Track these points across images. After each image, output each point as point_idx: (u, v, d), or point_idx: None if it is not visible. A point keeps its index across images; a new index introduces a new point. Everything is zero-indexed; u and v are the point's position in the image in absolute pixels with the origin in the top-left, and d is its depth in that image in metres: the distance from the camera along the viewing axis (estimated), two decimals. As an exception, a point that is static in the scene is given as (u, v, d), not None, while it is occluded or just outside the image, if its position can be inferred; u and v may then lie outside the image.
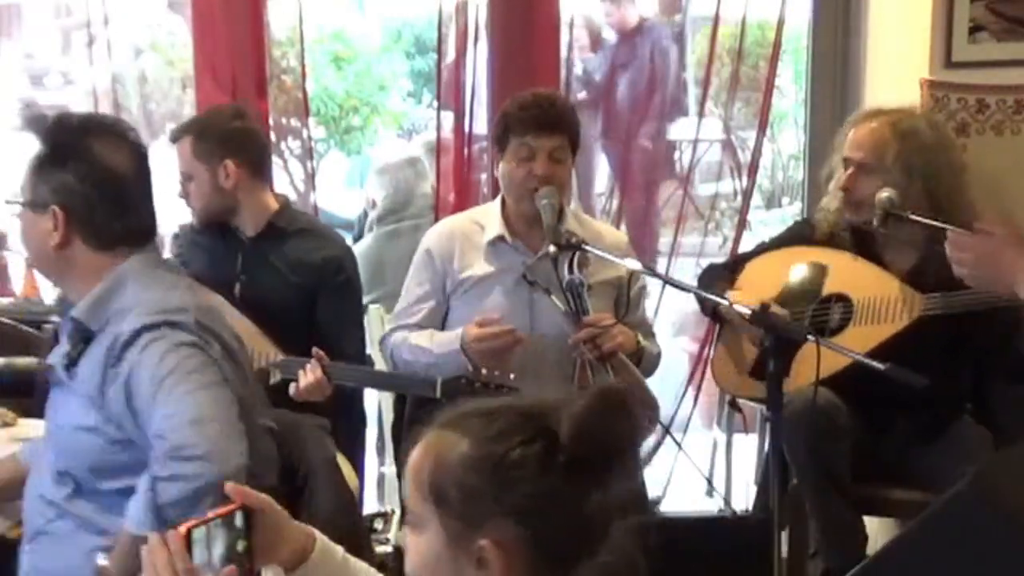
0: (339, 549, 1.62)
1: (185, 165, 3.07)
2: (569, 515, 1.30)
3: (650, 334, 3.14)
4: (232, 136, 3.09)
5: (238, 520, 1.48)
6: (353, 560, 1.63)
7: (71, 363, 2.10)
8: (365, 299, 3.50)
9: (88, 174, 2.09)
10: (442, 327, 3.08)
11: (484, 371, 2.79)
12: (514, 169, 2.96)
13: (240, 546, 1.48)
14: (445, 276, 3.04)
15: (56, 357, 2.16)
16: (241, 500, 1.50)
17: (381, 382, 3.14)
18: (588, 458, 1.30)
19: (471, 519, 1.31)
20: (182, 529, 1.44)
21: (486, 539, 1.29)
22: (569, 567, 1.32)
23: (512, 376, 2.81)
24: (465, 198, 3.72)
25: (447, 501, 1.32)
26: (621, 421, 1.33)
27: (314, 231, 3.21)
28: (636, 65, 4.71)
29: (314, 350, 2.82)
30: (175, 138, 3.10)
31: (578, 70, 4.53)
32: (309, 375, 2.80)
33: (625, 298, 3.06)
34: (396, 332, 3.07)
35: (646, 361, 3.03)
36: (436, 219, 3.65)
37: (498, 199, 3.09)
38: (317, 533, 1.60)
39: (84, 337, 2.09)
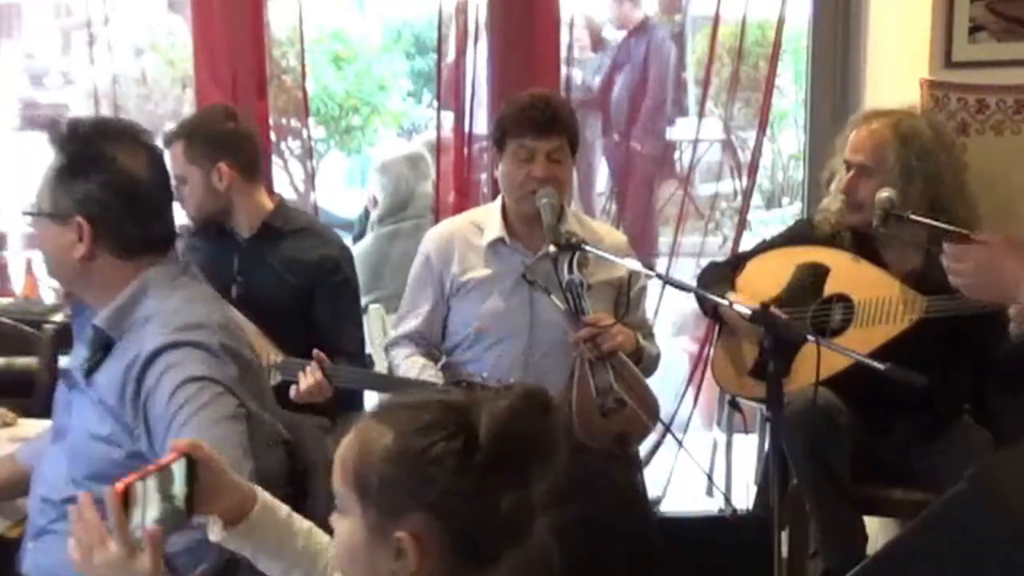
0: (283, 507, 1.64)
1: (179, 168, 3.06)
2: (486, 512, 1.31)
3: (650, 335, 3.15)
4: (224, 138, 3.08)
5: (179, 468, 1.50)
6: (298, 517, 1.65)
7: (90, 370, 2.08)
8: (366, 299, 3.49)
9: (110, 183, 2.05)
10: (443, 329, 3.09)
11: (485, 375, 2.80)
12: (513, 171, 2.96)
13: (181, 492, 1.50)
14: (443, 280, 3.05)
15: (75, 362, 2.14)
16: (184, 450, 1.51)
17: (381, 385, 3.14)
18: (506, 457, 1.31)
19: (390, 510, 1.33)
20: (120, 486, 1.43)
21: (403, 531, 1.31)
22: (488, 563, 1.33)
23: (511, 380, 2.82)
24: (465, 198, 3.72)
25: (368, 491, 1.34)
26: (542, 423, 1.34)
27: (311, 230, 3.21)
28: (637, 65, 4.72)
29: (315, 352, 2.82)
30: (168, 142, 3.10)
31: (578, 70, 4.53)
32: (309, 377, 2.80)
33: (625, 298, 3.06)
34: (395, 348, 3.10)
35: (646, 361, 3.03)
36: (436, 220, 3.65)
37: (498, 200, 3.10)
38: (259, 490, 1.62)
39: (104, 344, 2.07)
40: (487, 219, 3.08)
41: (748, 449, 3.50)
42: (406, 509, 1.31)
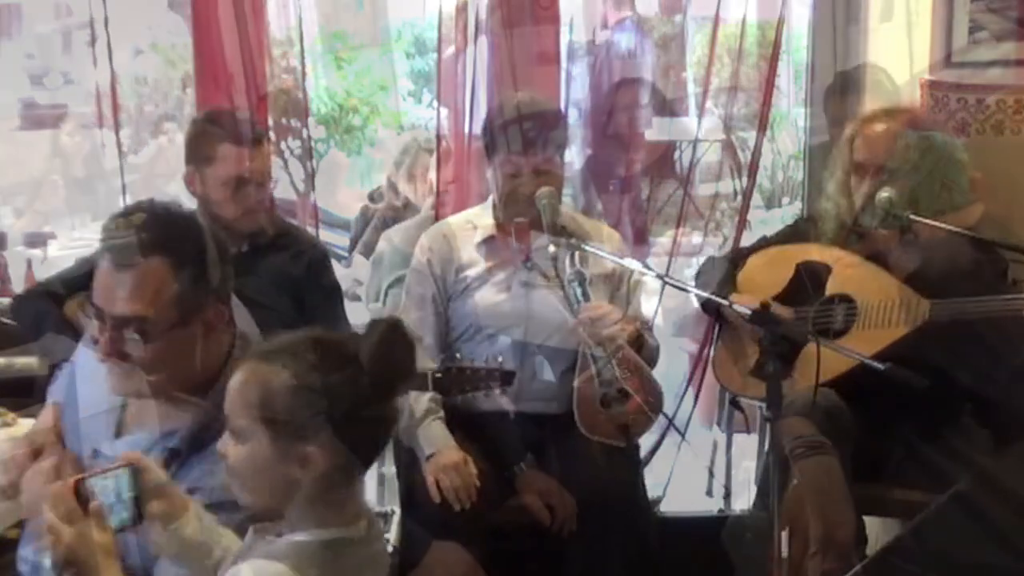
0: (207, 516, 1.84)
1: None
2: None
3: (647, 329, 3.15)
4: None
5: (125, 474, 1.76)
6: (221, 527, 1.84)
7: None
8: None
9: None
10: (446, 329, 3.10)
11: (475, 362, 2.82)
12: (501, 183, 3.01)
13: (129, 496, 1.76)
14: (443, 281, 3.06)
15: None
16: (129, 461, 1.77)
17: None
18: None
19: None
20: (71, 482, 1.74)
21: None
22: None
23: (499, 359, 2.82)
24: (465, 198, 3.72)
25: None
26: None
27: (289, 234, 3.20)
28: (627, 64, 4.74)
29: None
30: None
31: (577, 69, 4.53)
32: None
33: (622, 292, 3.08)
34: None
35: (646, 351, 3.04)
36: (436, 218, 3.65)
37: (489, 199, 3.13)
38: (192, 501, 1.84)
39: None
40: (480, 218, 3.12)
41: (748, 449, 3.50)
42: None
